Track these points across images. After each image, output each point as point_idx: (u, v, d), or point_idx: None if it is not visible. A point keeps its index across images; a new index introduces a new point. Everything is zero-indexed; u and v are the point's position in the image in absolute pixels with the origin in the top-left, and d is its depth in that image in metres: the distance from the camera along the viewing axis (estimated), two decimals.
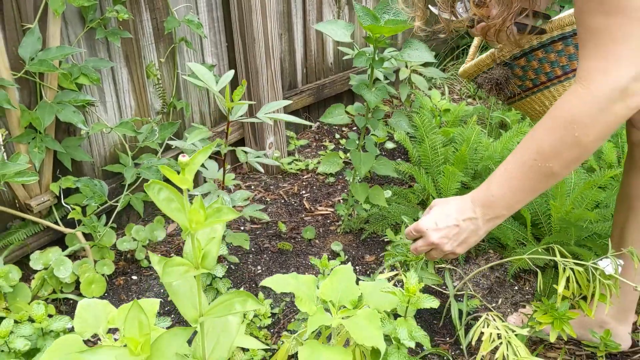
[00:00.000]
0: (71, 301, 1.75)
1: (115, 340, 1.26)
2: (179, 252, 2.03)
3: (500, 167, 1.14)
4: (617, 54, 0.96)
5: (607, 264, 1.39)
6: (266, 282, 1.11)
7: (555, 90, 1.38)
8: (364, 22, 1.75)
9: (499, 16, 1.15)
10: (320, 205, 2.32)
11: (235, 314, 0.93)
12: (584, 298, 1.48)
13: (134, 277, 1.88)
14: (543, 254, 1.48)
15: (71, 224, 1.87)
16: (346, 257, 1.99)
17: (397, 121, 1.89)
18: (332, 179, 2.49)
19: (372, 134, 1.93)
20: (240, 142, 2.57)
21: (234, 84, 2.48)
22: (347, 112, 1.96)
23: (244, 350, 1.45)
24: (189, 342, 1.02)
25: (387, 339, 1.07)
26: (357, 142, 1.94)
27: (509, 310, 1.78)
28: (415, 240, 1.23)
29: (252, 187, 2.46)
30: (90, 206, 1.85)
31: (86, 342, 1.51)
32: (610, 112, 0.98)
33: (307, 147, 2.79)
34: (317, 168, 2.58)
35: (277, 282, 1.08)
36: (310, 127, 2.97)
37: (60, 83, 1.76)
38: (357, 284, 1.14)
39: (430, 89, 3.04)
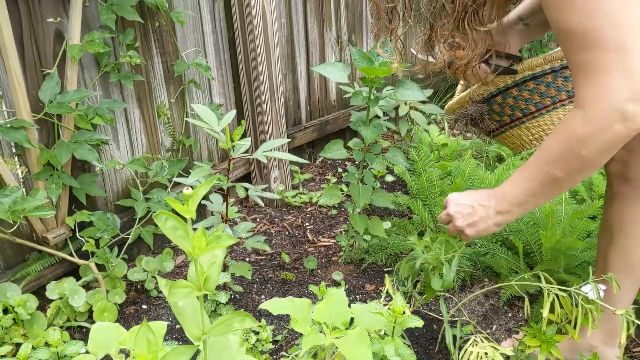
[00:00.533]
0: (84, 329, 1.84)
1: None
2: None
3: (518, 168, 1.28)
4: (604, 83, 1.06)
5: (589, 290, 1.47)
6: (264, 305, 1.20)
7: (530, 124, 1.49)
8: (359, 64, 1.87)
9: (464, 57, 1.27)
10: (322, 237, 2.41)
11: (235, 331, 1.02)
12: (570, 322, 1.55)
13: (144, 307, 1.97)
14: (531, 281, 1.56)
15: (85, 255, 1.97)
16: (347, 286, 2.08)
17: (393, 156, 1.99)
18: (334, 211, 2.59)
19: (370, 168, 2.03)
20: (247, 177, 2.68)
21: (241, 120, 2.60)
22: (347, 147, 2.07)
23: None
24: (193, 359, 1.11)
25: (378, 357, 1.16)
26: (356, 175, 2.05)
27: (503, 336, 1.85)
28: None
29: (258, 219, 2.56)
30: (102, 239, 1.96)
31: None
32: (610, 131, 1.07)
33: (311, 181, 2.89)
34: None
35: (275, 305, 1.17)
36: (314, 161, 3.08)
37: (76, 123, 1.88)
38: (349, 306, 1.22)
39: (429, 124, 3.16)
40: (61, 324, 1.80)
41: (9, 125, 1.72)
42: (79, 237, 1.92)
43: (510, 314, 1.92)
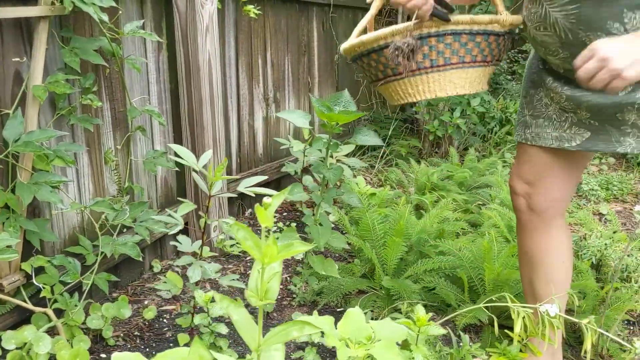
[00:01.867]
0: None
1: None
2: (141, 330, 2.06)
3: None
4: None
5: (549, 307, 1.65)
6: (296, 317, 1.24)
7: (432, 76, 1.59)
8: (319, 111, 2.01)
9: None
10: None
11: (295, 338, 1.07)
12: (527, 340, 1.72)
13: (103, 355, 1.89)
14: (499, 302, 1.72)
15: (38, 303, 1.87)
16: None
17: (349, 198, 2.12)
18: None
19: (325, 210, 2.13)
20: (185, 229, 2.67)
21: (179, 173, 2.62)
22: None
23: None
24: None
25: None
26: (313, 217, 2.14)
27: None
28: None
29: None
30: (57, 285, 1.87)
31: None
32: None
33: None
34: None
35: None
36: (244, 213, 3.12)
37: (35, 165, 1.82)
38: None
39: (355, 176, 3.33)
40: None
41: None
42: (35, 283, 1.82)
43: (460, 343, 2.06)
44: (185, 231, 2.67)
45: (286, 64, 3.39)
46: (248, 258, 2.67)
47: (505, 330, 2.02)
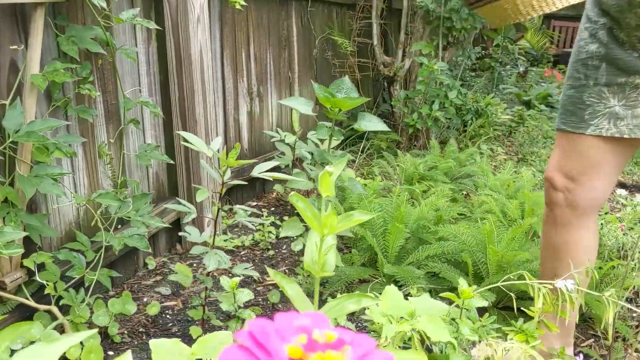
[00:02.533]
0: None
1: None
2: (145, 326, 2.00)
3: None
4: None
5: (563, 284, 1.67)
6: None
7: None
8: (321, 98, 1.99)
9: None
10: (267, 276, 2.41)
11: (351, 311, 1.05)
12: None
13: (110, 353, 1.82)
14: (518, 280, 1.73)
15: (38, 301, 1.79)
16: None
17: (353, 184, 2.10)
18: (271, 252, 2.61)
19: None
20: (176, 222, 2.61)
21: (170, 168, 2.56)
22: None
23: None
24: None
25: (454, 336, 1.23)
26: (316, 205, 2.12)
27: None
28: None
29: (194, 264, 2.49)
30: (59, 282, 1.80)
31: None
32: None
33: (235, 227, 2.88)
34: (253, 244, 2.69)
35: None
36: (232, 208, 3.07)
37: (34, 157, 1.75)
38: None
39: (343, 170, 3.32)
40: None
41: None
42: (39, 280, 1.75)
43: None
44: (177, 226, 2.62)
45: (268, 58, 3.36)
46: (242, 252, 2.63)
47: (506, 313, 2.05)
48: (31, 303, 1.72)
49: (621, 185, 3.61)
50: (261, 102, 3.32)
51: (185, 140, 1.67)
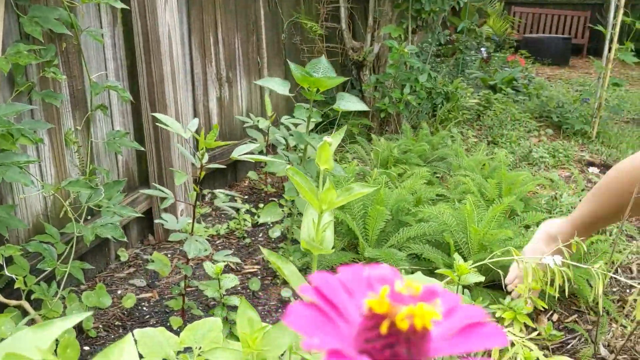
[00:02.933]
0: None
1: None
2: (121, 319, 1.92)
3: None
4: None
5: (550, 259, 1.66)
6: None
7: None
8: (299, 77, 1.93)
9: None
10: (245, 265, 2.35)
11: None
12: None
13: (86, 348, 1.74)
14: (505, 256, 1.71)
15: (6, 297, 1.70)
16: (299, 300, 2.05)
17: (335, 168, 2.05)
18: (247, 240, 2.54)
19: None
20: (148, 212, 2.52)
21: (140, 157, 2.47)
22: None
23: None
24: None
25: None
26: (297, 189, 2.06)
27: None
28: None
29: (169, 255, 2.41)
30: (28, 276, 1.71)
31: None
32: None
33: (208, 216, 2.81)
34: (228, 232, 2.62)
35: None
36: (204, 198, 3.00)
37: None
38: None
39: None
40: None
41: None
42: (7, 274, 1.65)
43: None
44: (149, 216, 2.53)
45: (236, 43, 3.27)
46: (218, 242, 2.56)
47: (492, 292, 2.03)
48: (0, 298, 1.63)
49: (591, 164, 3.66)
50: (230, 87, 3.24)
51: (160, 122, 1.59)
